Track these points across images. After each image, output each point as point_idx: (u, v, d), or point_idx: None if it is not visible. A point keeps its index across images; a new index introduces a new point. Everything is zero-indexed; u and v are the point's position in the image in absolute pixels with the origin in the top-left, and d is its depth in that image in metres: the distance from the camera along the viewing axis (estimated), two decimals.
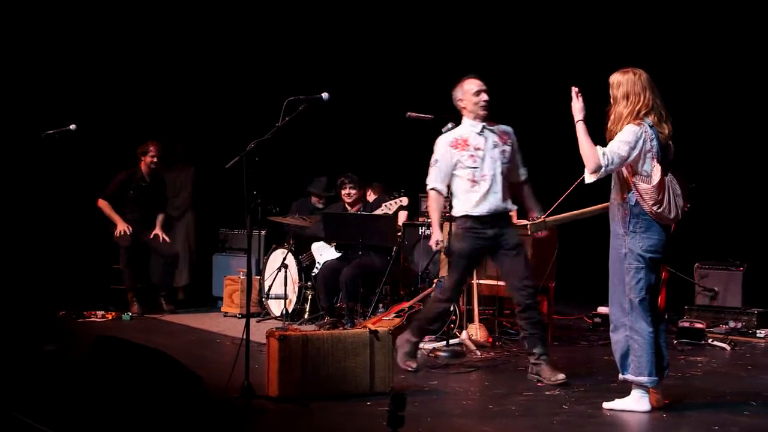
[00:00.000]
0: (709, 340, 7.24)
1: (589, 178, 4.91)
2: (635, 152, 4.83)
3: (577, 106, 5.00)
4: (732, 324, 7.82)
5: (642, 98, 4.89)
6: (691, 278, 8.22)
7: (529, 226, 5.18)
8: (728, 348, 7.06)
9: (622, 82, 4.92)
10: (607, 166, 4.83)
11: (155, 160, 8.97)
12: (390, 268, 7.81)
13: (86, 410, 4.17)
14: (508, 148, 5.83)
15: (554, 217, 5.17)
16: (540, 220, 5.16)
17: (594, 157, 4.82)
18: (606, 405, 5.02)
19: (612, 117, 4.95)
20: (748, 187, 8.74)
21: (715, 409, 5.01)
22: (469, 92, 5.81)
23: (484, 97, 5.80)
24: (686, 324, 7.35)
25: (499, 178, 5.76)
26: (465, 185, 5.79)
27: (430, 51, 10.05)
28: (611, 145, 4.86)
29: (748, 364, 6.53)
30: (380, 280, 7.74)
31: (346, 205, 8.22)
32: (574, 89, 5.02)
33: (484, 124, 5.82)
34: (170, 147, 9.65)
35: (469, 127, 5.84)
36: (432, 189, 5.91)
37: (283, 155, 9.10)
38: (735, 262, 8.10)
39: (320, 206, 8.77)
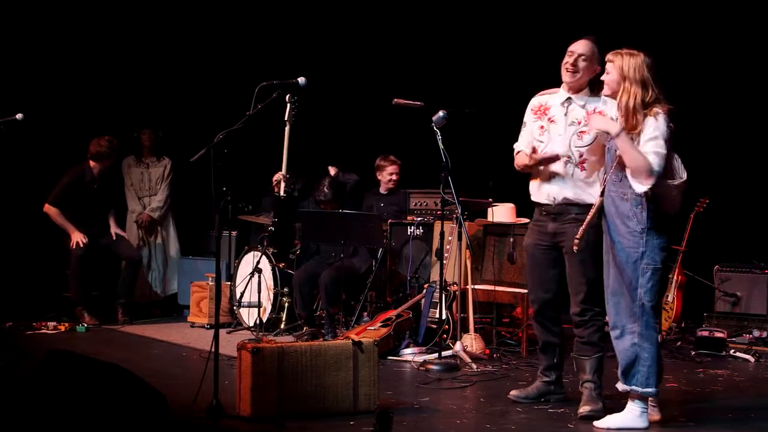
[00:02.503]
0: (731, 351, 7.29)
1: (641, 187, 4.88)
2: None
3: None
4: (756, 333, 7.86)
5: (657, 84, 4.89)
6: (711, 282, 8.27)
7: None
8: (752, 360, 7.11)
9: (636, 66, 4.88)
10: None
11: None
12: (375, 272, 7.82)
13: None
14: (589, 135, 5.28)
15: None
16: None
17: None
18: (598, 424, 5.01)
19: (625, 103, 4.90)
20: None
21: (737, 428, 5.04)
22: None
23: (567, 58, 5.35)
24: (705, 333, 7.39)
25: (569, 164, 5.31)
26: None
27: (416, 37, 10.10)
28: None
29: None
30: (364, 285, 7.75)
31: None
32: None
33: (569, 94, 5.39)
34: (134, 137, 9.43)
35: (557, 94, 5.45)
36: (517, 152, 5.56)
37: (258, 146, 9.08)
38: (760, 264, 8.14)
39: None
